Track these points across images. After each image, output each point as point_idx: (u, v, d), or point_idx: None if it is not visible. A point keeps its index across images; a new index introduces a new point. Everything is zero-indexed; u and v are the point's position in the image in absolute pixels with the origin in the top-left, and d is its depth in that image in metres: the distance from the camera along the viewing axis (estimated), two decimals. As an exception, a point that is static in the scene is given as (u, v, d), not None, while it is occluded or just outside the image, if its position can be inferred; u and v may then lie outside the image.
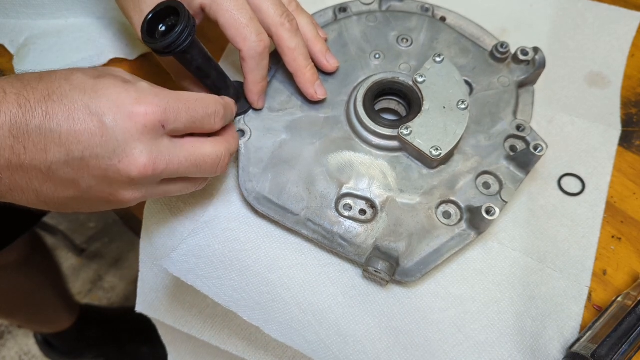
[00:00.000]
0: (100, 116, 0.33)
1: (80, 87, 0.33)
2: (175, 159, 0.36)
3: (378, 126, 0.46)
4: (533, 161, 0.45)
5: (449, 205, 0.45)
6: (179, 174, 0.37)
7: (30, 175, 0.33)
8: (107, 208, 0.38)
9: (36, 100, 0.32)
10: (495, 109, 0.49)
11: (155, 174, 0.35)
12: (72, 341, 1.12)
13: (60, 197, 0.34)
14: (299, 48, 0.45)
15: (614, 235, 0.48)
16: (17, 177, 0.32)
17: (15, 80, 0.33)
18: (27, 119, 0.31)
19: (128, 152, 0.33)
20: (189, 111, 0.37)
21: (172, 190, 0.39)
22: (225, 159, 0.40)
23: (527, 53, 0.49)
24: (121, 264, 1.37)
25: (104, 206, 0.37)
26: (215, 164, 0.39)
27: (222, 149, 0.40)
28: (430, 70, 0.47)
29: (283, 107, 0.49)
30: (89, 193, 0.34)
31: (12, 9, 0.57)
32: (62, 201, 0.35)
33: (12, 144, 0.31)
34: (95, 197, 0.35)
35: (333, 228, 0.44)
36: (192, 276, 0.42)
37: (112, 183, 0.34)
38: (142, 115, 0.34)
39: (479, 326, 0.43)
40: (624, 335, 0.39)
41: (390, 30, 0.52)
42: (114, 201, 0.36)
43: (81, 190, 0.34)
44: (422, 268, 0.43)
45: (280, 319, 0.42)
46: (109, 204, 0.36)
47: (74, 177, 0.33)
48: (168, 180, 0.38)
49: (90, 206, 0.37)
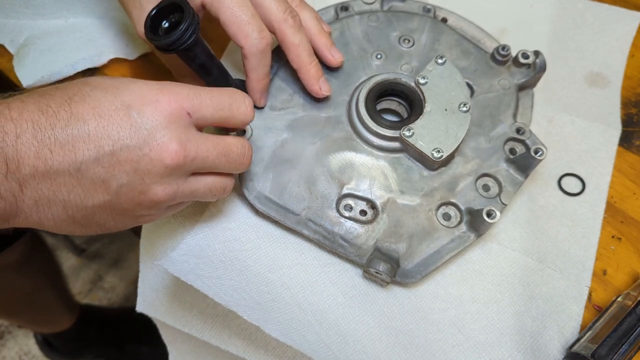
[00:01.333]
0: (127, 109, 0.32)
1: (101, 87, 0.33)
2: (203, 146, 0.35)
3: (380, 127, 0.46)
4: (533, 164, 0.45)
5: (449, 207, 0.45)
6: (209, 163, 0.36)
7: (57, 182, 0.31)
8: (135, 216, 0.36)
9: (58, 105, 0.32)
10: (496, 111, 0.49)
11: (187, 162, 0.34)
12: (72, 341, 1.12)
13: (89, 205, 0.33)
14: (303, 44, 0.45)
15: (614, 235, 0.48)
16: (44, 187, 0.31)
17: (31, 92, 0.33)
18: (51, 122, 0.31)
19: (158, 139, 0.33)
20: (214, 99, 0.36)
21: (201, 188, 0.38)
22: (249, 152, 0.40)
23: (527, 56, 0.49)
24: (121, 264, 1.37)
25: (133, 210, 0.35)
26: (242, 154, 0.39)
27: (244, 142, 0.39)
28: (432, 71, 0.47)
29: (284, 105, 0.49)
30: (119, 196, 0.33)
31: (12, 9, 0.57)
32: (90, 212, 0.33)
33: (37, 150, 0.30)
34: (126, 199, 0.34)
35: (334, 228, 0.44)
36: (192, 276, 0.42)
37: (144, 177, 0.33)
38: (167, 103, 0.34)
39: (478, 326, 0.43)
40: (624, 335, 0.39)
41: (392, 30, 0.52)
42: (144, 202, 0.35)
43: (111, 193, 0.33)
44: (422, 269, 0.43)
45: (280, 319, 0.42)
46: (139, 207, 0.35)
47: (105, 176, 0.32)
48: (197, 175, 0.37)
49: (117, 215, 0.35)
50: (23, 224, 0.32)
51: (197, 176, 0.37)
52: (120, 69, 0.57)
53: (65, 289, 1.09)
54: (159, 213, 0.37)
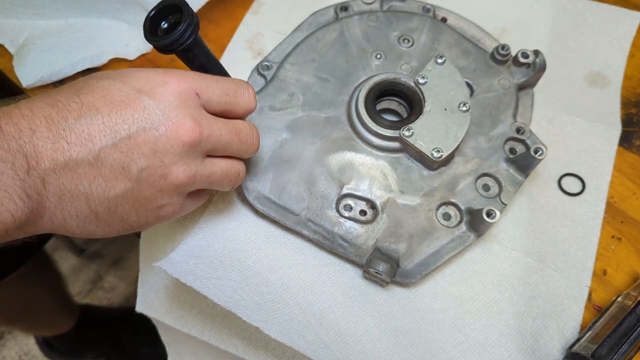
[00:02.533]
0: (137, 93, 0.33)
1: (107, 77, 0.33)
2: (215, 125, 0.36)
3: (379, 127, 0.46)
4: (533, 164, 0.45)
5: (449, 207, 0.45)
6: (222, 142, 0.37)
7: (78, 174, 0.31)
8: (157, 206, 0.35)
9: (66, 98, 0.32)
10: (496, 111, 0.49)
11: (202, 138, 0.35)
12: (72, 342, 1.12)
13: (111, 196, 0.33)
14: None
15: (614, 235, 0.48)
16: (65, 180, 0.31)
17: (38, 94, 0.33)
18: (63, 115, 0.31)
19: (173, 118, 0.33)
20: (219, 83, 0.37)
21: (217, 171, 0.38)
22: (257, 133, 0.40)
23: (527, 56, 0.49)
24: (121, 264, 1.37)
25: (154, 199, 0.35)
26: (251, 134, 0.39)
27: (251, 124, 0.40)
28: (432, 71, 0.47)
29: (284, 106, 0.49)
30: (140, 182, 0.33)
31: (12, 9, 0.57)
32: (112, 204, 0.33)
33: (53, 143, 0.30)
34: (147, 185, 0.34)
35: (333, 228, 0.44)
36: (192, 277, 0.42)
37: (163, 157, 0.33)
38: (176, 84, 0.34)
39: (479, 326, 0.43)
40: (624, 335, 0.39)
41: (391, 30, 0.52)
42: (166, 188, 0.34)
43: (132, 179, 0.33)
44: (422, 269, 0.43)
45: (280, 319, 0.42)
46: (161, 194, 0.35)
47: (124, 161, 0.32)
48: (212, 158, 0.38)
49: (140, 206, 0.35)
50: (48, 225, 0.32)
51: (213, 158, 0.38)
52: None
53: (64, 293, 1.08)
54: (180, 202, 0.37)
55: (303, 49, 0.52)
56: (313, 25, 0.54)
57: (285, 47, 0.52)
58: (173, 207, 0.36)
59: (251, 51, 0.58)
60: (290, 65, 0.51)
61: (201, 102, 0.36)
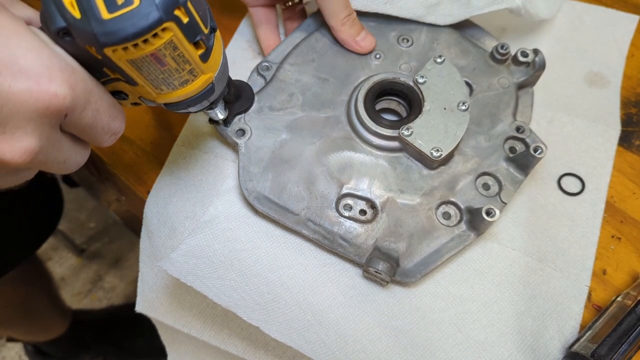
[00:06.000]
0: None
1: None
2: (58, 153, 0.30)
3: (379, 126, 0.46)
4: (532, 163, 0.45)
5: (449, 206, 0.45)
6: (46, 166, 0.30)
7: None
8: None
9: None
10: (495, 110, 0.49)
11: (32, 164, 0.28)
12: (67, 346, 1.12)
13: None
14: None
15: (614, 235, 0.48)
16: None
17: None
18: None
19: (8, 129, 0.25)
20: (101, 102, 0.31)
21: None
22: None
23: (527, 54, 0.49)
24: (121, 264, 1.37)
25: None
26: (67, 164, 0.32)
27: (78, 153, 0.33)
28: (431, 70, 0.47)
29: (284, 106, 0.49)
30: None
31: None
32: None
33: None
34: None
35: (333, 228, 0.44)
36: (192, 277, 0.42)
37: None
38: (52, 93, 0.26)
39: (478, 326, 0.43)
40: (624, 334, 0.39)
41: (390, 30, 0.52)
42: None
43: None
44: (422, 269, 0.43)
45: (280, 319, 0.42)
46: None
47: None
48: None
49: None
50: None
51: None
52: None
53: (57, 295, 1.08)
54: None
55: (302, 50, 0.52)
56: (312, 25, 0.54)
57: (285, 47, 0.52)
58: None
59: (251, 51, 0.58)
60: (289, 66, 0.51)
61: (61, 122, 0.28)
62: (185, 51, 0.31)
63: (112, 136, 0.33)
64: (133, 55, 0.29)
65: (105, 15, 0.27)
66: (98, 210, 1.44)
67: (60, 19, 0.28)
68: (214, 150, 0.50)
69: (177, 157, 0.51)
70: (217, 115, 0.44)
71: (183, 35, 0.30)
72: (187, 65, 0.32)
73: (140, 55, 0.29)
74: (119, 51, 0.28)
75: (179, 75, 0.33)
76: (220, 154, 0.50)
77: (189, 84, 0.34)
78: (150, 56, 0.30)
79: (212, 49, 0.34)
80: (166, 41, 0.29)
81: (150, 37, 0.28)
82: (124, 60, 0.29)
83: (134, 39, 0.28)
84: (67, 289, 1.33)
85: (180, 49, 0.31)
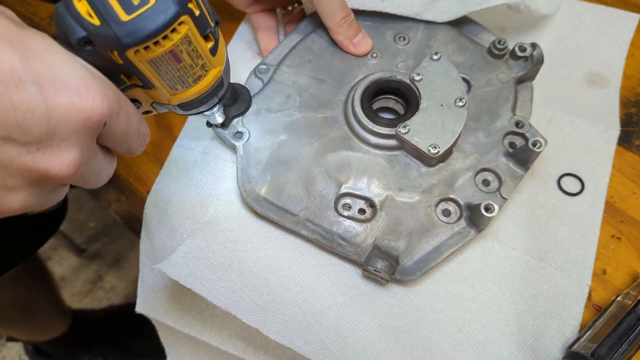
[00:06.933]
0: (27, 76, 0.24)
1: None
2: (96, 164, 0.30)
3: (376, 125, 0.46)
4: (532, 157, 0.44)
5: (449, 203, 0.45)
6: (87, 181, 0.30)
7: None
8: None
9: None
10: (494, 105, 0.48)
11: (76, 175, 0.28)
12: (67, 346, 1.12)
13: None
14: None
15: (614, 235, 0.48)
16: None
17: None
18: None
19: (55, 143, 0.26)
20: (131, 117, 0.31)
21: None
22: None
23: (524, 49, 0.49)
24: (121, 264, 1.37)
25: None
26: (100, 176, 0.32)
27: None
28: (427, 68, 0.47)
29: (281, 107, 0.49)
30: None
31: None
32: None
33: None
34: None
35: (332, 228, 0.44)
36: (191, 279, 0.42)
37: (8, 179, 0.25)
38: (92, 104, 0.26)
39: (479, 325, 0.43)
40: (624, 334, 0.39)
41: (387, 29, 0.52)
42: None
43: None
44: (422, 266, 0.43)
45: (280, 320, 0.42)
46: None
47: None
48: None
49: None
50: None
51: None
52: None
53: (57, 294, 1.08)
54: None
55: (299, 51, 0.52)
56: (309, 27, 0.54)
57: (282, 49, 0.52)
58: None
59: (251, 52, 0.58)
60: (286, 68, 0.51)
61: (100, 132, 0.28)
62: (198, 45, 0.32)
63: (143, 140, 0.33)
64: (154, 53, 0.30)
65: (124, 17, 0.28)
66: (98, 210, 1.44)
67: (79, 29, 0.28)
68: (213, 152, 0.50)
69: (176, 158, 0.51)
70: (215, 118, 0.44)
71: (196, 28, 0.31)
72: (199, 60, 0.33)
73: (160, 52, 0.30)
74: (140, 52, 0.29)
75: (192, 71, 0.33)
76: (220, 155, 0.50)
77: (202, 80, 0.35)
78: (169, 53, 0.30)
79: (219, 42, 0.35)
80: (183, 36, 0.30)
81: (169, 32, 0.29)
82: (144, 61, 0.30)
83: (156, 35, 0.28)
84: (67, 289, 1.33)
85: (194, 43, 0.31)
